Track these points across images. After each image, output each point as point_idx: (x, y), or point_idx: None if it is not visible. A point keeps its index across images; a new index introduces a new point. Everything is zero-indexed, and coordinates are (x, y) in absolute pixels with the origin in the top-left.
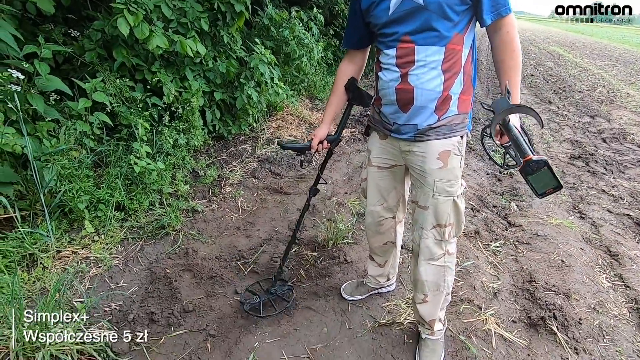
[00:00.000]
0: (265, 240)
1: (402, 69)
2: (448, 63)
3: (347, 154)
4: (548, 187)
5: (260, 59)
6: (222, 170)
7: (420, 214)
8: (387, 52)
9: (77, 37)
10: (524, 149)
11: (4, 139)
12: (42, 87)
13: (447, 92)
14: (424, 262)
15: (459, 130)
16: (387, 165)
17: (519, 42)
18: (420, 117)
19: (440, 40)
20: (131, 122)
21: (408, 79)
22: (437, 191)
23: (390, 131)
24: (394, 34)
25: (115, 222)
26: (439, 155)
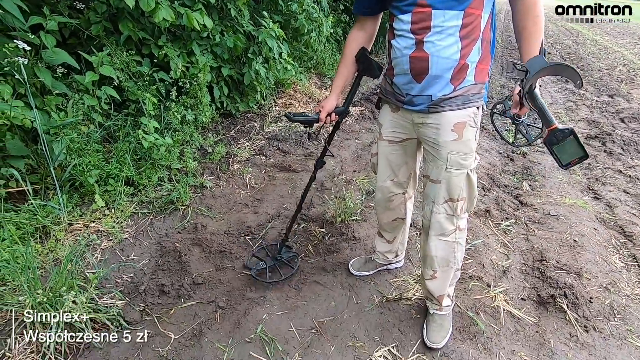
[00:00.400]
0: (274, 217)
1: (417, 35)
2: (466, 29)
3: (356, 132)
4: (573, 157)
5: (268, 33)
6: (230, 147)
7: (432, 188)
8: (402, 17)
9: (83, 10)
10: (550, 118)
11: (14, 112)
12: (48, 60)
13: (465, 60)
14: (434, 237)
15: (476, 100)
16: (399, 139)
17: (542, 6)
18: (435, 87)
19: (459, 4)
20: (139, 97)
21: (423, 46)
22: (450, 164)
23: (403, 103)
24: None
25: (125, 196)
26: (454, 127)
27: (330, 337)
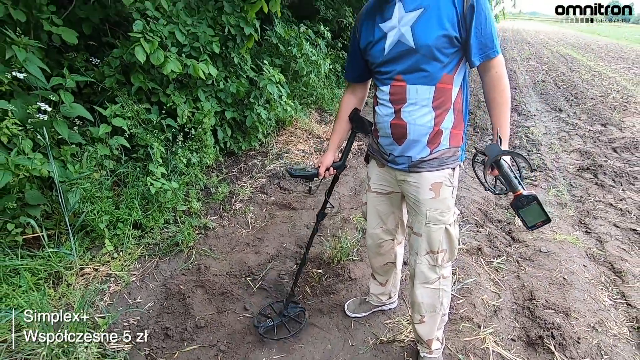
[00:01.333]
0: (274, 257)
1: (396, 105)
2: (438, 101)
3: (354, 168)
4: (537, 220)
5: (269, 79)
6: (233, 186)
7: (415, 240)
8: (382, 88)
9: (98, 65)
10: (515, 185)
11: (33, 164)
12: (66, 113)
13: (438, 127)
14: (419, 285)
15: (451, 162)
16: (385, 191)
17: (507, 80)
18: (414, 150)
19: (430, 80)
20: (147, 143)
21: (401, 115)
22: (429, 220)
23: (387, 161)
24: (389, 72)
25: (132, 239)
26: (431, 186)
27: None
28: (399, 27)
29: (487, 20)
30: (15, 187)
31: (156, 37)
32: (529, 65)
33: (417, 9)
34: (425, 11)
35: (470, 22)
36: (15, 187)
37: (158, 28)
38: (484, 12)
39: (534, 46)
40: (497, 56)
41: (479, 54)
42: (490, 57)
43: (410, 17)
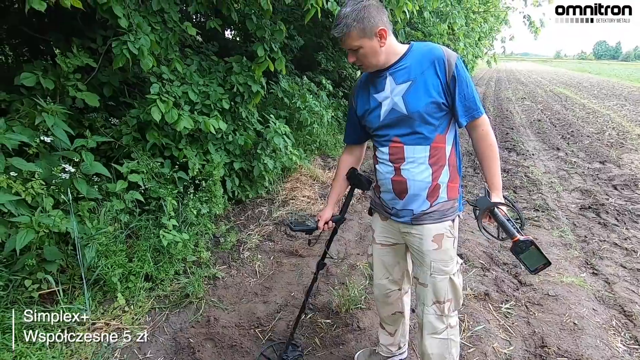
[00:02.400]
0: (282, 306)
1: (395, 164)
2: (434, 158)
3: (359, 212)
4: (538, 264)
5: (275, 131)
6: (241, 235)
7: (421, 290)
8: (382, 149)
9: (116, 124)
10: (511, 232)
11: (55, 222)
12: (85, 171)
13: (436, 181)
14: (427, 336)
15: (450, 214)
16: (389, 242)
17: (493, 135)
18: (415, 204)
19: (425, 141)
20: (160, 196)
21: (401, 172)
22: (434, 270)
23: (390, 214)
24: (386, 135)
25: (143, 292)
26: (434, 238)
27: None
28: (391, 97)
29: (468, 86)
30: (36, 245)
31: (170, 98)
32: (524, 105)
33: (407, 81)
34: (414, 83)
35: (454, 89)
36: (35, 245)
37: (173, 89)
38: (464, 80)
39: (528, 86)
40: (482, 116)
41: (465, 115)
42: (475, 117)
43: (401, 89)
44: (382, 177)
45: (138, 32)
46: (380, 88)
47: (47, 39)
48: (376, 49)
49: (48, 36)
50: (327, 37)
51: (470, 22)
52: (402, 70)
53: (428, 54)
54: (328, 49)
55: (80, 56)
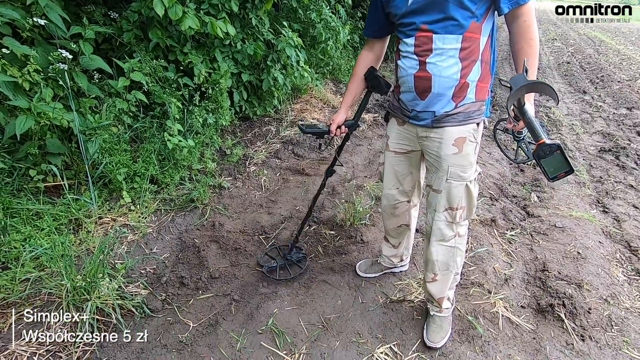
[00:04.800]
0: (287, 218)
1: (421, 57)
2: (466, 51)
3: (369, 139)
4: (559, 171)
5: (287, 42)
6: (247, 150)
7: (433, 197)
8: (406, 40)
9: (116, 19)
10: (538, 132)
11: (55, 113)
12: (85, 65)
13: (465, 79)
14: (435, 242)
15: (476, 117)
16: (404, 150)
17: (537, 29)
18: (438, 104)
19: (458, 29)
20: (164, 101)
21: (426, 66)
22: (450, 176)
23: (409, 117)
24: (412, 23)
25: (149, 194)
26: (455, 142)
27: (335, 333)
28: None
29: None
30: (37, 134)
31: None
32: (554, 47)
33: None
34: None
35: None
36: (37, 134)
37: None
38: None
39: (560, 27)
40: (527, 3)
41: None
42: (519, 4)
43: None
44: (404, 74)
45: None
46: None
47: None
48: None
49: None
50: None
51: None
52: None
53: None
54: None
55: None
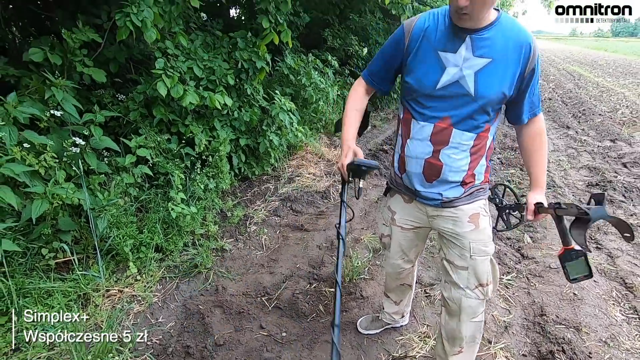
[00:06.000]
0: (287, 277)
1: (436, 145)
2: (476, 147)
3: (364, 189)
4: (580, 274)
5: (280, 107)
6: (247, 210)
7: (458, 275)
8: (423, 124)
9: (123, 100)
10: (568, 239)
11: (67, 193)
12: (95, 146)
13: (472, 171)
14: (466, 320)
15: (483, 195)
16: (412, 226)
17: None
18: (447, 190)
19: (475, 129)
20: (168, 171)
21: (439, 155)
22: (474, 252)
23: (416, 196)
24: (434, 109)
25: (154, 262)
26: (470, 218)
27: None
28: (461, 67)
29: (538, 80)
30: (50, 215)
31: (176, 73)
32: None
33: (486, 58)
34: (493, 63)
35: (528, 83)
36: (50, 215)
37: (178, 64)
38: (538, 74)
39: (540, 64)
40: (541, 112)
41: (529, 111)
42: (536, 114)
43: (477, 63)
44: (412, 156)
45: (141, 4)
46: (452, 49)
47: (53, 16)
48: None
49: (54, 14)
50: (333, 14)
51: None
52: (485, 42)
53: (517, 35)
54: (334, 25)
55: (85, 31)
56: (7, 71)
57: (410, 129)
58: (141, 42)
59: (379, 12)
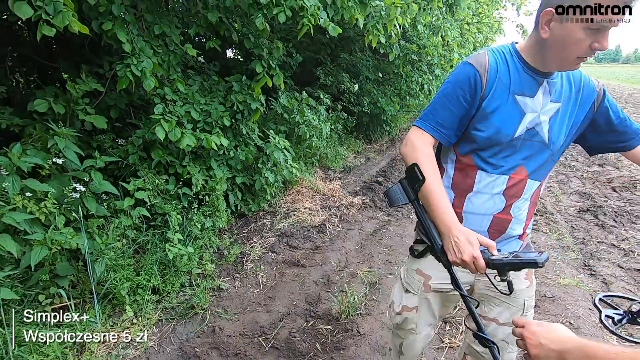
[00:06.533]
0: (284, 315)
1: (509, 199)
2: (535, 195)
3: (359, 222)
4: None
5: (275, 146)
6: (244, 247)
7: (502, 331)
8: (495, 175)
9: (122, 144)
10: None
11: (66, 239)
12: (94, 190)
13: (529, 221)
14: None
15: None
16: (450, 288)
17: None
18: (509, 245)
19: (542, 177)
20: (165, 211)
21: (510, 209)
22: (527, 309)
23: None
24: (510, 158)
25: (151, 304)
26: (526, 275)
27: None
28: (540, 113)
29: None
30: (49, 261)
31: (174, 117)
32: None
33: (556, 102)
34: (562, 108)
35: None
36: (48, 261)
37: (176, 109)
38: (614, 104)
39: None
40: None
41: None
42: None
43: (551, 108)
44: (477, 212)
45: (141, 55)
46: (530, 93)
47: (57, 66)
48: None
49: (57, 63)
50: (325, 53)
51: (465, 33)
52: (555, 86)
53: (578, 76)
54: (326, 64)
55: (88, 82)
56: (12, 121)
57: (475, 181)
58: (141, 88)
59: (368, 50)
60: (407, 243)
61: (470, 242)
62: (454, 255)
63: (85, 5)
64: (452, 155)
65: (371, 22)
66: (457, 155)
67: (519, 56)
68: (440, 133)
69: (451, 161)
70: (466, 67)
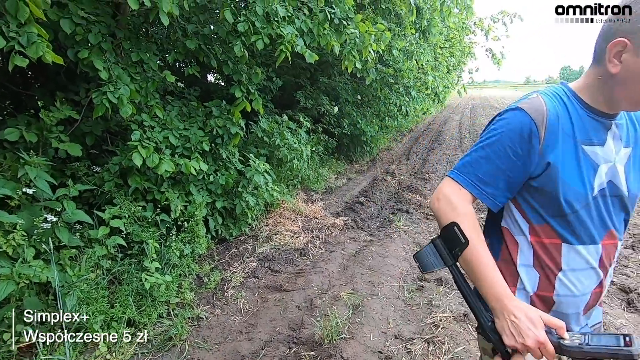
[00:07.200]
0: (266, 343)
1: (604, 270)
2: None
3: (342, 243)
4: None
5: (255, 169)
6: (225, 273)
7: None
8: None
9: (98, 171)
10: None
11: (35, 273)
12: (67, 219)
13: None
14: None
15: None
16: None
17: None
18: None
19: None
20: (142, 239)
21: (605, 279)
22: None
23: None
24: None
25: (125, 338)
26: None
27: None
28: (614, 162)
29: None
30: (16, 296)
31: (152, 143)
32: None
33: (627, 147)
34: (632, 151)
35: None
36: (15, 296)
37: (154, 135)
38: None
39: (499, 110)
40: None
41: None
42: None
43: (623, 154)
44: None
45: (118, 82)
46: (598, 140)
47: (32, 93)
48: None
49: (32, 91)
50: (304, 77)
51: (439, 57)
52: (622, 128)
53: (638, 114)
54: (306, 87)
55: (63, 109)
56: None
57: (561, 257)
58: (118, 114)
59: (346, 73)
60: (389, 263)
61: (532, 321)
62: (511, 338)
63: (62, 34)
64: (524, 225)
65: (347, 48)
66: (530, 225)
67: (577, 98)
68: (481, 190)
69: (523, 233)
70: (519, 115)
